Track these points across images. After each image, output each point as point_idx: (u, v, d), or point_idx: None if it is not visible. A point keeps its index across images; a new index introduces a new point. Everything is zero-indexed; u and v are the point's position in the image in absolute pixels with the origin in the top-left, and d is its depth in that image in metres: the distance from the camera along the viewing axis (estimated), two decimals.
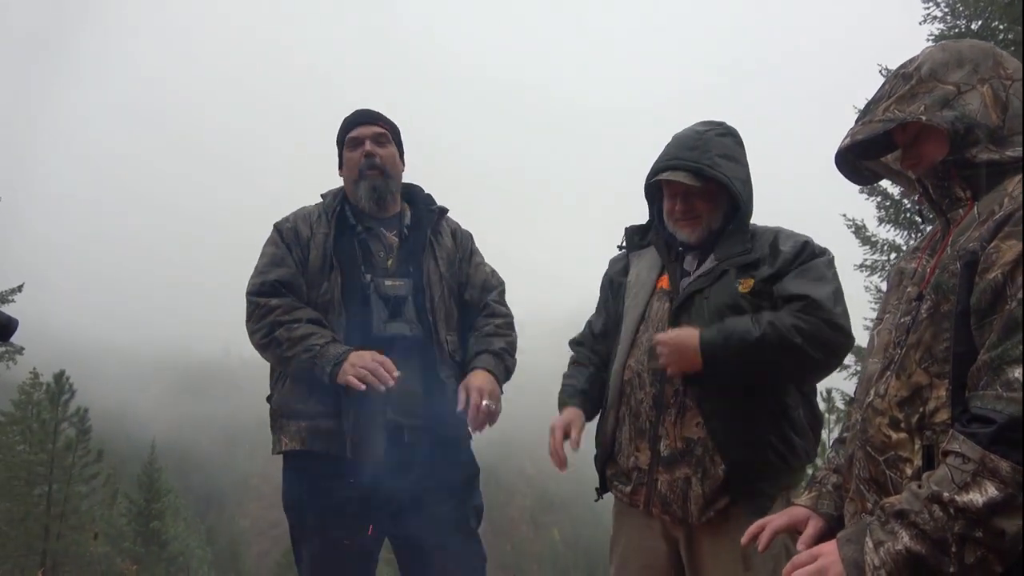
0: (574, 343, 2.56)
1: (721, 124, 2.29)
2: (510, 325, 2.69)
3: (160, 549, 27.48)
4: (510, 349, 2.62)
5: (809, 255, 2.15)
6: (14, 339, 1.80)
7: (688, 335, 2.06)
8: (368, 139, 2.60)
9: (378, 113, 2.69)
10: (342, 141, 2.66)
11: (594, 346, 2.47)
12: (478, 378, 2.45)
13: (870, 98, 1.51)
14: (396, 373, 2.29)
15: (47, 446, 25.84)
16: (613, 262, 2.54)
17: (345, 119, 2.69)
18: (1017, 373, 1.13)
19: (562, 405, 2.36)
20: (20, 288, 19.16)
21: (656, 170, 2.23)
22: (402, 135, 2.74)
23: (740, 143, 2.29)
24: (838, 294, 2.09)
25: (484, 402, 2.39)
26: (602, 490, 2.39)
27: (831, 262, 2.17)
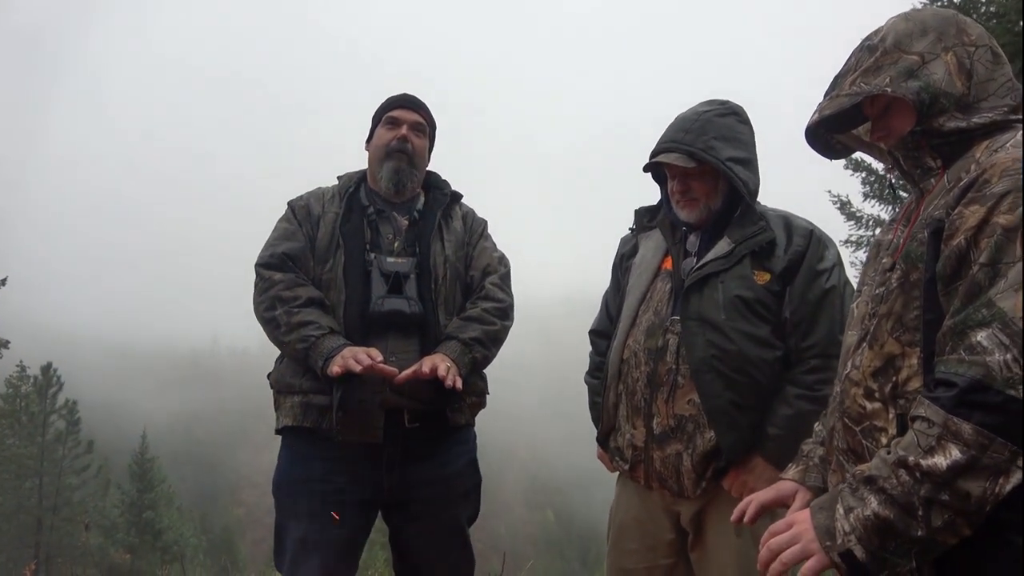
0: (594, 333, 2.56)
1: (724, 103, 2.29)
2: (502, 312, 2.58)
3: (154, 539, 27.49)
4: (485, 339, 2.50)
5: (818, 249, 2.16)
6: None
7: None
8: (407, 124, 2.60)
9: (423, 103, 2.69)
10: (379, 118, 2.65)
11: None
12: (433, 357, 2.36)
13: (838, 71, 1.51)
14: (379, 358, 2.27)
15: (36, 439, 25.75)
16: (623, 242, 2.56)
17: (390, 98, 2.68)
18: (979, 337, 1.15)
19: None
20: (3, 282, 19.00)
21: (653, 153, 2.25)
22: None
23: (744, 121, 2.29)
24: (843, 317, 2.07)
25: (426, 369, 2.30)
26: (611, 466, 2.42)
27: (837, 265, 2.18)
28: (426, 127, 2.67)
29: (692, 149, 2.17)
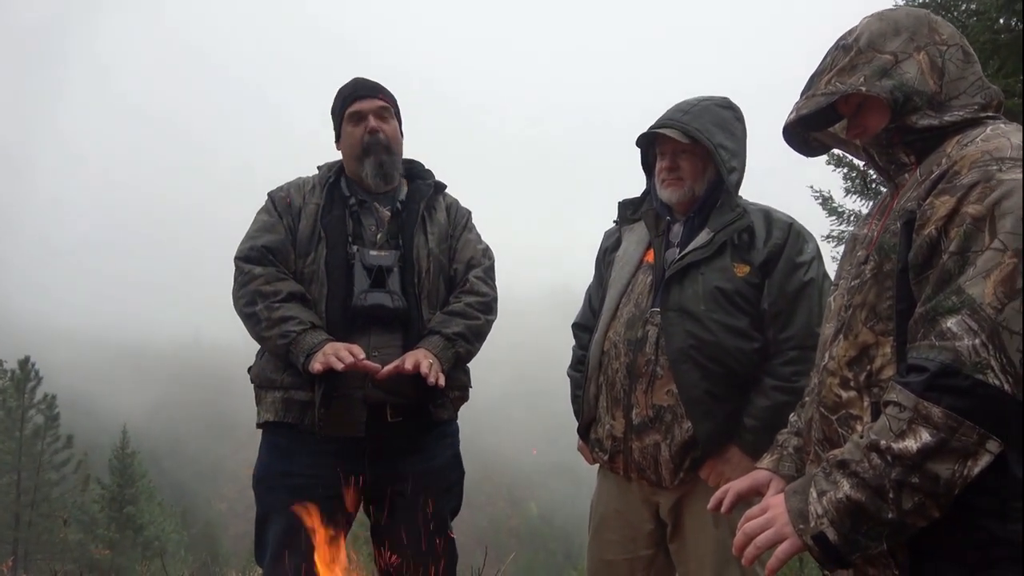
0: (577, 327, 2.58)
1: (725, 99, 2.34)
2: (485, 306, 2.55)
3: (135, 534, 27.24)
4: (468, 334, 2.47)
5: (797, 242, 2.19)
6: None
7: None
8: (371, 114, 2.53)
9: (378, 84, 2.60)
10: (340, 114, 2.57)
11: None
12: (415, 353, 2.34)
13: (813, 71, 1.53)
14: (361, 355, 2.26)
15: (14, 434, 25.45)
16: (606, 236, 2.58)
17: (342, 90, 2.59)
18: (949, 323, 1.18)
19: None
20: None
21: (649, 128, 2.27)
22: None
23: (740, 119, 2.33)
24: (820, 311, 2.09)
25: (408, 366, 2.27)
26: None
27: (816, 259, 2.20)
28: (390, 108, 2.60)
29: (688, 128, 2.20)
